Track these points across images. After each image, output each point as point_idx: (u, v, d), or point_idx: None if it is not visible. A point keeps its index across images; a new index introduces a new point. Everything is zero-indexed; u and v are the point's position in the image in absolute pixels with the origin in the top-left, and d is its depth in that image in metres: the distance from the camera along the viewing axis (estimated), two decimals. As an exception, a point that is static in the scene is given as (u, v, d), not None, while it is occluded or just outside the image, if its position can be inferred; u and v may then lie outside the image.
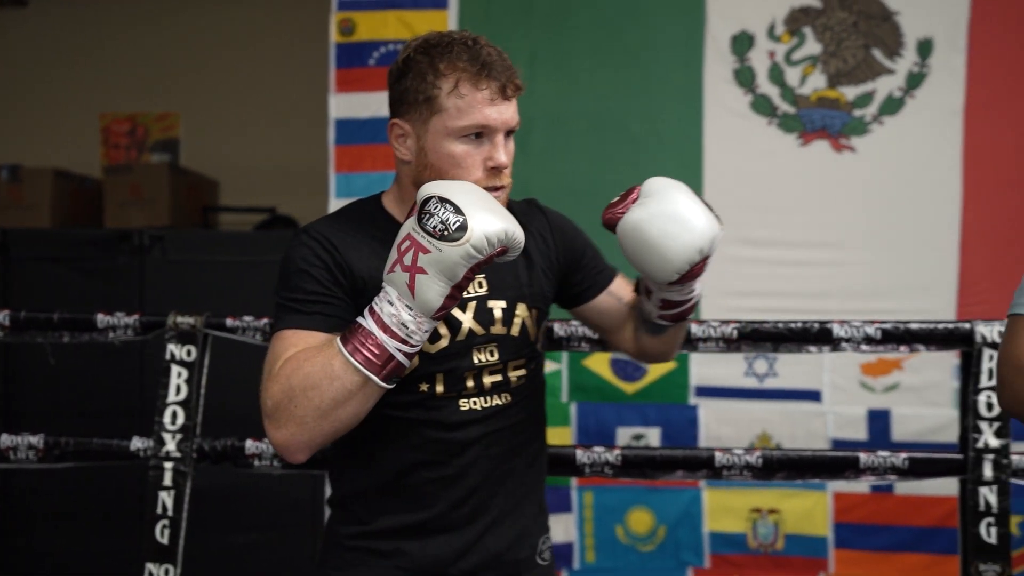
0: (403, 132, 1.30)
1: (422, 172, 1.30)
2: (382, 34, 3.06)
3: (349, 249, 1.30)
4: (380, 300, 1.19)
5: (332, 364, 1.18)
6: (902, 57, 2.91)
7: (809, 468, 1.82)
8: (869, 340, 1.80)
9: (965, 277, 2.89)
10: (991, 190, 2.89)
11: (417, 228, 1.16)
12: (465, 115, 1.25)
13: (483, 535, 1.34)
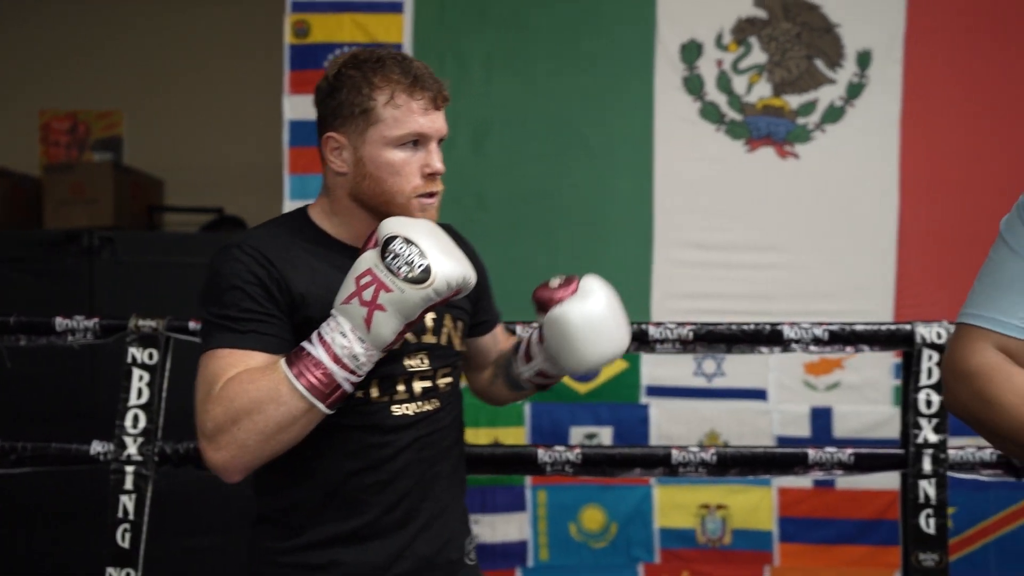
0: (338, 145, 1.32)
1: (360, 183, 1.32)
2: (337, 37, 3.07)
3: (284, 264, 1.30)
4: (331, 330, 1.21)
5: (279, 389, 1.20)
6: (843, 68, 3.02)
7: (761, 464, 1.89)
8: (817, 341, 1.87)
9: (902, 279, 3.02)
10: (926, 196, 3.01)
11: (380, 266, 1.19)
12: (402, 124, 1.29)
13: (415, 539, 1.36)
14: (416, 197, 1.33)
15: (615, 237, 3.05)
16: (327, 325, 1.22)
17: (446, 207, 3.03)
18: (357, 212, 1.35)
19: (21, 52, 4.53)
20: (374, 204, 1.33)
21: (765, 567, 3.05)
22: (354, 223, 1.36)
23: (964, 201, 2.98)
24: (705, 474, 1.87)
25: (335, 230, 1.37)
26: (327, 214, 1.38)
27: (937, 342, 1.87)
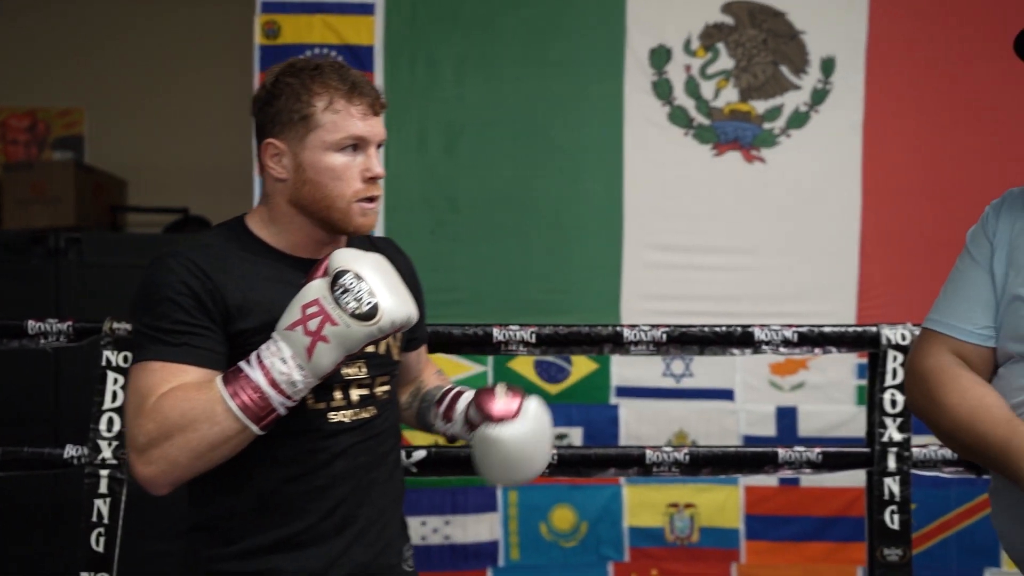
0: (278, 151, 1.33)
1: (300, 188, 1.33)
2: (307, 38, 3.06)
3: (220, 275, 1.30)
4: (271, 355, 1.22)
5: (214, 409, 1.20)
6: (807, 74, 3.09)
7: (732, 464, 1.94)
8: (787, 343, 1.92)
9: (864, 281, 3.09)
10: (887, 200, 3.09)
11: (329, 298, 1.20)
12: (341, 128, 1.30)
13: (352, 545, 1.36)
14: (357, 202, 1.33)
15: (585, 239, 3.09)
16: (267, 349, 1.23)
17: (419, 210, 3.08)
18: (296, 219, 1.36)
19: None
20: (314, 209, 1.34)
21: (732, 564, 3.10)
22: (293, 231, 1.37)
23: (923, 205, 3.06)
24: (678, 473, 1.91)
25: (273, 239, 1.37)
26: (265, 222, 1.38)
27: (902, 343, 1.93)
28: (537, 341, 1.91)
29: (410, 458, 1.86)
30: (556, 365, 3.08)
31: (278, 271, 1.34)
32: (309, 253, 1.38)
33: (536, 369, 3.09)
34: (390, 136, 3.00)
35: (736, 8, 3.09)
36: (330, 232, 1.37)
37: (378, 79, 3.06)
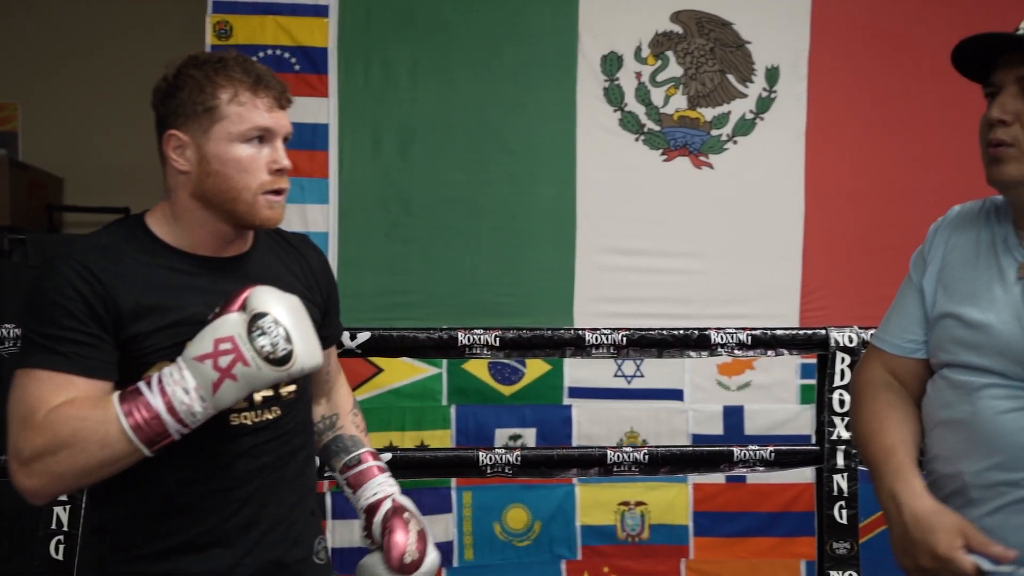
0: (180, 143, 1.30)
1: (204, 180, 1.30)
2: (260, 39, 3.04)
3: (113, 278, 1.26)
4: (173, 383, 1.18)
5: (107, 430, 1.17)
6: (753, 83, 3.18)
7: (689, 463, 2.00)
8: (741, 345, 1.99)
9: (806, 284, 3.19)
10: (828, 206, 3.20)
11: (245, 338, 1.18)
12: (247, 120, 1.29)
13: (257, 544, 1.35)
14: (263, 194, 1.31)
15: (539, 242, 3.13)
16: (170, 375, 1.19)
17: (373, 212, 3.09)
18: (200, 214, 1.33)
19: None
20: (219, 202, 1.31)
21: (681, 560, 3.18)
22: (196, 227, 1.33)
23: (864, 211, 3.17)
24: (638, 473, 1.97)
25: (174, 237, 1.33)
26: (167, 219, 1.34)
27: (849, 346, 2.01)
28: (500, 345, 1.94)
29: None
30: (510, 367, 3.11)
31: (176, 271, 1.31)
32: (212, 251, 1.36)
33: (490, 371, 3.12)
34: (344, 138, 3.06)
35: (685, 17, 3.16)
36: (236, 227, 1.35)
37: (332, 81, 3.05)
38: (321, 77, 3.06)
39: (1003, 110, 1.21)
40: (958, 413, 1.25)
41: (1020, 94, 1.21)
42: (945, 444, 1.27)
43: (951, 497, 1.26)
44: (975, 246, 1.31)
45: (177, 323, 1.28)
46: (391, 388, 3.05)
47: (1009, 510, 1.19)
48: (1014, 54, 1.21)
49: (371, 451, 1.56)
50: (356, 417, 1.62)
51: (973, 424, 1.23)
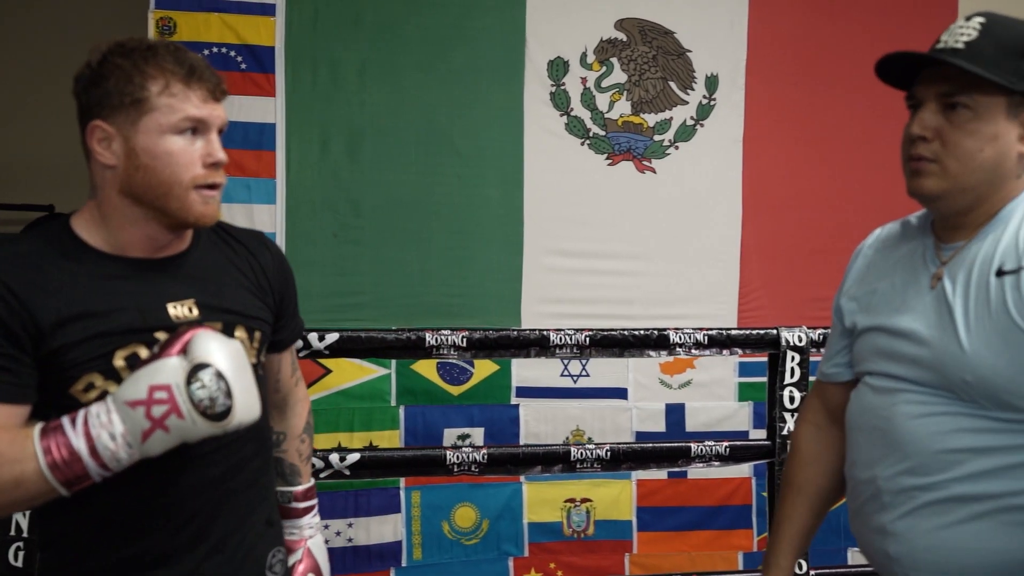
0: (106, 135, 1.21)
1: (134, 175, 1.21)
2: (205, 36, 3.00)
3: (31, 290, 1.17)
4: (100, 426, 1.10)
5: (23, 470, 1.09)
6: (694, 90, 3.28)
7: (650, 458, 2.06)
8: (699, 345, 2.06)
9: (744, 285, 3.31)
10: (764, 210, 3.33)
11: (183, 390, 1.10)
12: (178, 111, 1.21)
13: (207, 560, 1.28)
14: (196, 188, 1.23)
15: (487, 244, 3.16)
16: (97, 417, 1.11)
17: (323, 214, 3.08)
18: (129, 212, 1.23)
19: None
20: (150, 198, 1.22)
21: (625, 555, 3.26)
22: (126, 227, 1.24)
23: (797, 216, 3.31)
24: (600, 469, 2.02)
25: (101, 240, 1.24)
26: (94, 221, 1.25)
27: (799, 344, 2.10)
28: (468, 345, 1.97)
29: (344, 461, 1.88)
30: (459, 367, 3.14)
31: (104, 277, 1.22)
32: (144, 252, 1.27)
33: (439, 371, 3.14)
34: (292, 139, 3.04)
35: (629, 25, 3.24)
36: (169, 226, 1.26)
37: (279, 81, 3.03)
38: (268, 76, 3.03)
39: (923, 126, 1.24)
40: (874, 419, 1.29)
41: (940, 110, 1.23)
42: (861, 450, 1.30)
43: (867, 502, 1.29)
44: (896, 261, 1.35)
45: (105, 333, 1.20)
46: (340, 389, 3.05)
47: (919, 514, 1.21)
48: (934, 70, 1.24)
49: (304, 488, 1.54)
50: (303, 444, 1.56)
51: (888, 430, 1.26)
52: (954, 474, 1.18)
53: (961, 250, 1.25)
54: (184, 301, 1.27)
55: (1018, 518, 1.15)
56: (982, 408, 1.18)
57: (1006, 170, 1.22)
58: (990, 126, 1.21)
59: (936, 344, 1.22)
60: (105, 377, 1.20)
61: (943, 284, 1.24)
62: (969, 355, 1.17)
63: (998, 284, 1.17)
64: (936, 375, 1.21)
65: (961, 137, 1.21)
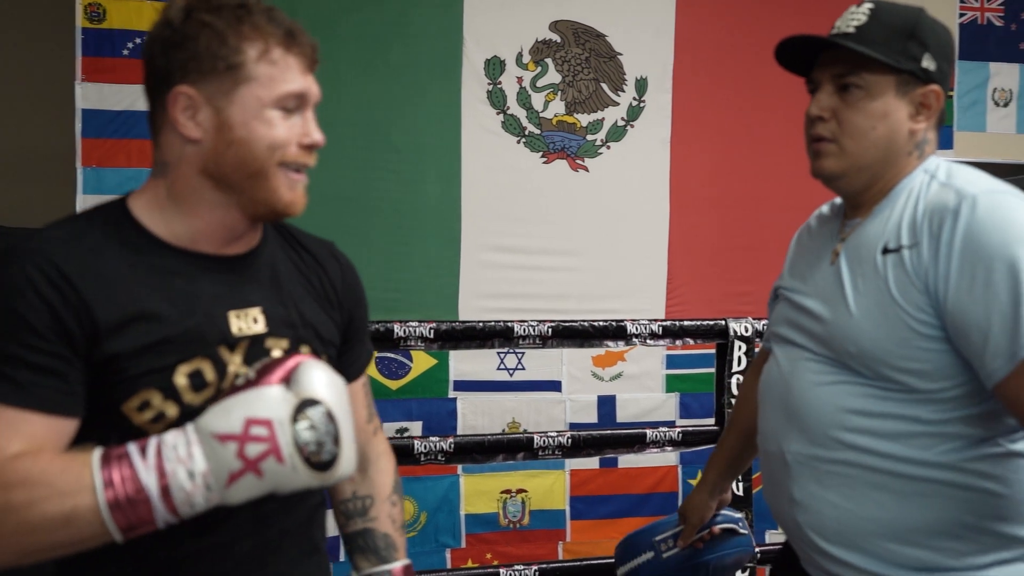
0: (192, 103, 1.04)
1: (224, 151, 1.05)
2: (136, 24, 2.93)
3: (90, 281, 0.99)
4: (176, 460, 0.91)
5: (76, 506, 0.90)
6: (624, 92, 3.40)
7: (608, 444, 2.14)
8: (653, 335, 2.15)
9: (671, 281, 3.45)
10: (690, 208, 3.47)
11: (287, 428, 0.93)
12: (281, 83, 1.06)
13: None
14: (284, 170, 1.08)
15: (425, 239, 3.19)
16: (173, 449, 0.92)
17: None
18: (208, 196, 1.07)
19: None
20: (236, 179, 1.06)
21: (559, 543, 3.34)
22: (200, 213, 1.07)
23: (722, 214, 3.46)
24: (561, 456, 2.09)
25: (166, 227, 1.07)
26: (158, 204, 1.07)
27: (745, 335, 2.22)
28: (435, 337, 2.00)
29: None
30: (397, 361, 3.16)
31: (169, 274, 1.05)
32: (215, 246, 1.09)
33: (377, 366, 3.15)
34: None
35: (563, 27, 3.33)
36: (252, 215, 1.09)
37: (215, 72, 2.97)
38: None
39: (820, 107, 1.29)
40: (778, 390, 1.35)
41: (835, 91, 1.28)
42: (769, 422, 1.37)
43: (776, 473, 1.34)
44: (816, 238, 1.43)
45: (167, 341, 1.02)
46: (278, 385, 3.02)
47: (823, 483, 1.26)
48: (830, 53, 1.30)
49: (404, 565, 1.25)
50: (394, 508, 1.30)
51: (789, 401, 1.31)
52: (850, 441, 1.23)
53: (857, 227, 1.31)
54: (249, 310, 1.09)
55: (915, 486, 1.21)
56: (871, 378, 1.23)
57: (898, 147, 1.28)
58: (880, 104, 1.27)
59: (828, 317, 1.27)
60: (164, 396, 1.01)
61: (840, 260, 1.30)
62: (854, 327, 1.23)
63: (883, 261, 1.23)
64: (829, 346, 1.27)
65: (854, 115, 1.27)
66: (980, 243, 1.15)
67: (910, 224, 1.23)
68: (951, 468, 1.20)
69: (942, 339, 1.18)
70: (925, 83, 1.28)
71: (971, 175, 1.24)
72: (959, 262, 1.16)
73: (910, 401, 1.21)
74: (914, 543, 1.21)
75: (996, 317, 1.13)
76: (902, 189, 1.28)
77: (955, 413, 1.20)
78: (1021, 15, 3.81)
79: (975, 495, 1.20)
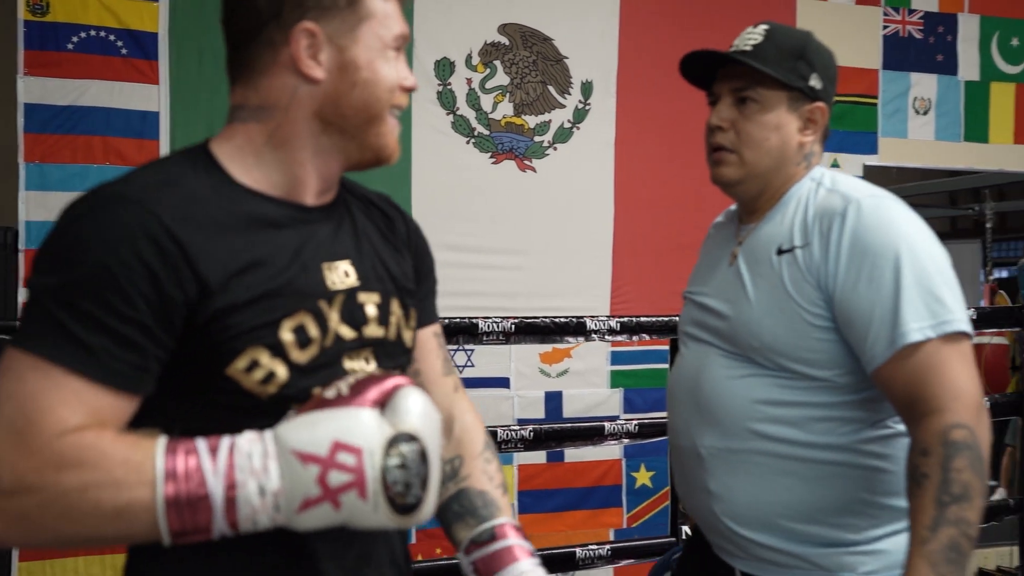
0: (315, 41, 0.97)
1: (347, 93, 0.98)
2: (82, 18, 2.87)
3: (193, 231, 0.90)
4: (247, 470, 0.82)
5: (132, 499, 0.80)
6: (570, 95, 3.48)
7: (568, 437, 2.21)
8: (612, 331, 2.23)
9: (616, 280, 3.54)
10: (634, 209, 3.57)
11: (377, 464, 0.83)
12: (394, 21, 1.01)
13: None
14: (392, 115, 1.03)
15: (376, 238, 3.20)
16: (247, 458, 0.82)
17: None
18: (316, 141, 1.00)
19: None
20: (354, 123, 1.00)
21: (508, 537, 3.40)
22: (301, 160, 1.00)
23: (664, 215, 3.57)
24: (523, 449, 2.15)
25: (260, 175, 0.99)
26: (253, 151, 0.99)
27: (697, 330, 2.31)
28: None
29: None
30: (349, 360, 3.17)
31: (261, 223, 0.96)
32: (309, 197, 1.01)
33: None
34: (177, 128, 2.98)
35: (511, 30, 3.39)
36: (354, 160, 1.03)
37: (163, 68, 2.95)
38: (151, 63, 2.94)
39: (720, 117, 1.42)
40: (687, 386, 1.44)
41: (734, 104, 1.40)
42: (680, 417, 1.42)
43: (689, 466, 1.41)
44: (716, 241, 1.56)
45: (272, 293, 0.93)
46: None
47: (735, 472, 1.33)
48: (729, 68, 1.43)
49: (512, 523, 1.12)
50: (489, 465, 1.18)
51: (699, 395, 1.39)
52: (761, 431, 1.34)
53: (753, 231, 1.43)
54: (339, 263, 1.02)
55: (817, 469, 1.33)
56: (773, 370, 1.34)
57: (788, 157, 1.41)
58: (774, 116, 1.40)
59: (731, 314, 1.38)
60: (272, 353, 0.92)
61: (738, 261, 1.42)
62: (755, 323, 1.35)
63: (778, 261, 1.35)
64: (733, 341, 1.37)
65: (751, 126, 1.40)
66: (865, 242, 1.28)
67: (801, 226, 1.35)
68: (848, 450, 1.32)
69: (833, 330, 1.31)
70: (812, 100, 1.42)
71: (854, 182, 1.39)
72: (847, 259, 1.28)
73: (809, 389, 1.32)
74: (819, 521, 1.33)
75: (878, 309, 1.25)
76: (792, 196, 1.41)
77: (848, 398, 1.32)
78: (939, 29, 4.02)
79: (869, 473, 1.33)
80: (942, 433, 1.19)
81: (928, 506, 1.16)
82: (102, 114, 2.87)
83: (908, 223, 1.30)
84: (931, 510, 1.16)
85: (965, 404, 1.20)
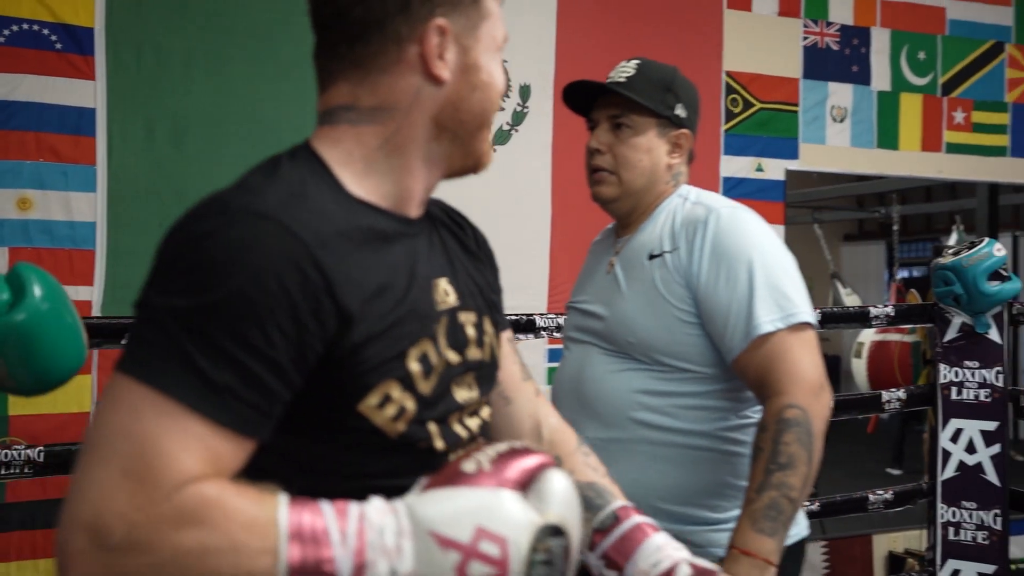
0: (444, 40, 0.89)
1: (469, 95, 0.91)
2: (15, 11, 2.79)
3: (330, 254, 0.80)
4: (379, 550, 0.72)
5: (252, 569, 0.70)
6: (509, 97, 3.53)
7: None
8: (559, 328, 2.29)
9: (553, 279, 3.61)
10: (569, 210, 3.65)
11: (523, 559, 0.73)
12: (501, 24, 0.96)
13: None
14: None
15: (317, 238, 3.20)
16: (379, 534, 0.73)
17: (147, 201, 3.02)
18: (430, 148, 0.92)
19: None
20: (468, 128, 0.93)
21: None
22: (413, 168, 0.91)
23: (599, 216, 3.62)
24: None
25: (371, 185, 0.89)
26: (365, 157, 0.89)
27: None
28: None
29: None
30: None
31: (384, 241, 0.87)
32: (412, 209, 0.93)
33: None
34: (114, 125, 2.95)
35: (450, 33, 3.42)
36: (455, 169, 0.98)
37: (100, 64, 2.89)
38: (87, 59, 2.88)
39: (599, 141, 1.64)
40: (570, 383, 1.59)
41: (611, 129, 1.61)
42: (563, 412, 1.47)
43: None
44: (596, 253, 1.76)
45: (401, 320, 0.85)
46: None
47: (617, 462, 1.37)
48: (606, 97, 1.65)
49: (631, 505, 1.10)
50: (588, 457, 1.15)
51: (581, 391, 1.54)
52: (641, 419, 1.50)
53: (628, 241, 1.63)
54: (440, 280, 0.94)
55: (688, 455, 1.49)
56: (649, 363, 1.50)
57: (658, 176, 1.61)
58: (645, 140, 1.59)
59: (608, 314, 1.56)
60: (403, 386, 0.85)
61: (615, 268, 1.60)
62: (631, 320, 1.52)
63: (650, 265, 1.53)
64: (611, 339, 1.54)
65: (626, 150, 1.60)
66: (724, 247, 1.47)
67: (670, 234, 1.54)
68: (714, 436, 1.49)
69: (699, 325, 1.48)
70: (678, 127, 1.62)
71: (715, 197, 1.59)
72: (708, 261, 1.47)
73: (681, 380, 1.49)
74: (691, 503, 1.49)
75: (735, 305, 1.44)
76: (662, 210, 1.60)
77: (714, 387, 1.49)
78: (854, 41, 4.23)
79: (732, 458, 1.50)
80: (778, 412, 1.35)
81: (758, 473, 1.33)
82: (35, 109, 2.80)
83: (759, 231, 1.50)
84: (760, 476, 1.32)
85: (801, 387, 1.37)
